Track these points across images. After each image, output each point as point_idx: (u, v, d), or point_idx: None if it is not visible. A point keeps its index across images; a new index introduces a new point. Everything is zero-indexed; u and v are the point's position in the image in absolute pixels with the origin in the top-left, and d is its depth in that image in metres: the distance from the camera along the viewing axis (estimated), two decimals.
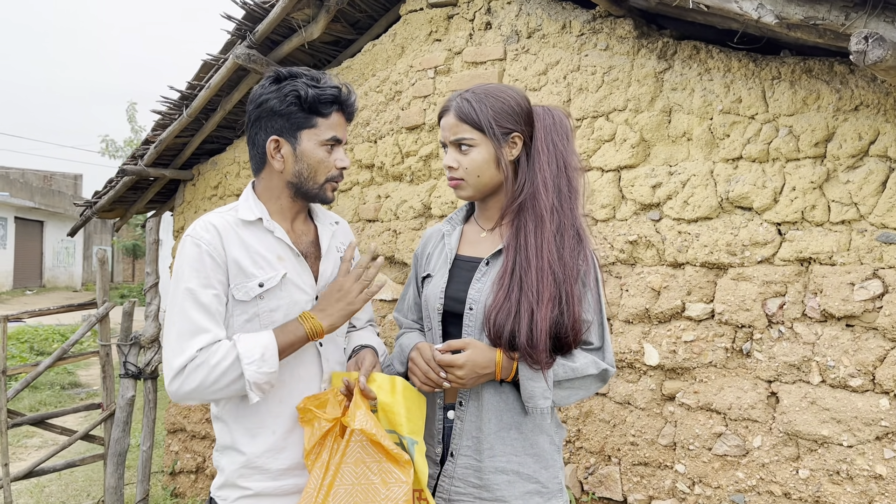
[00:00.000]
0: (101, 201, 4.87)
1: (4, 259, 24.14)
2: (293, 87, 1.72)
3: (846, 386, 2.23)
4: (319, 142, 1.76)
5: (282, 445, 1.75)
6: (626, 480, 2.70)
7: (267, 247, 1.77)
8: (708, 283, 2.51)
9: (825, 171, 2.29)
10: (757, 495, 2.39)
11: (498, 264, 1.77)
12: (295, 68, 1.79)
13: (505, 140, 1.75)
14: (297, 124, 1.74)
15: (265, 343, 1.66)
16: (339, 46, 4.01)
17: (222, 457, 1.80)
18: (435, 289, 1.84)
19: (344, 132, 1.82)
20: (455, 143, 1.77)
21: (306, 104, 1.72)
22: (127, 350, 4.51)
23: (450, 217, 1.98)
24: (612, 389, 2.74)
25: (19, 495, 5.34)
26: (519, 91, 1.81)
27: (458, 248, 1.89)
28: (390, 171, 3.53)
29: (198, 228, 1.74)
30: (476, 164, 1.75)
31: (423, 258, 1.99)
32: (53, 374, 10.05)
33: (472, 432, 1.75)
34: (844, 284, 2.23)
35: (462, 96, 1.78)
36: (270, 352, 1.66)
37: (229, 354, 1.63)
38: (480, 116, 1.73)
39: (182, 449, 4.72)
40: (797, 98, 2.35)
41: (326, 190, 1.82)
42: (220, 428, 1.81)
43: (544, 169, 1.76)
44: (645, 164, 2.69)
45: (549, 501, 1.75)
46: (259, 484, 1.74)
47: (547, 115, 1.81)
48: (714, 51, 2.56)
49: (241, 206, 1.81)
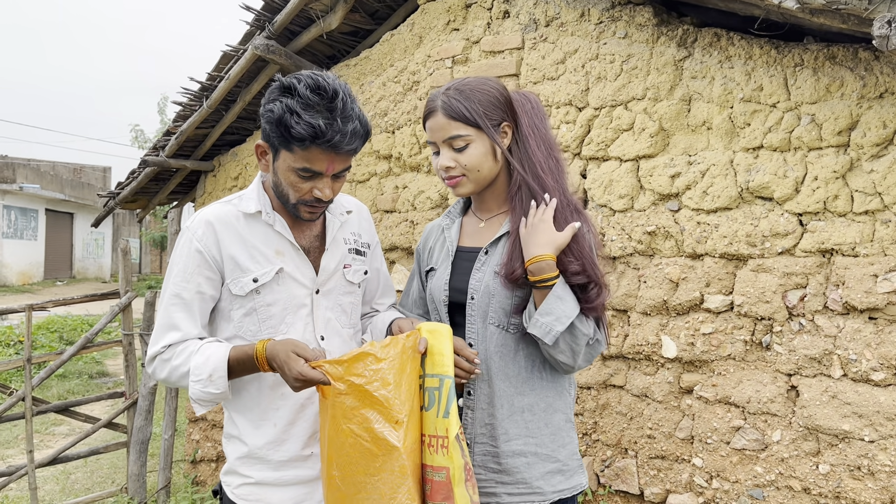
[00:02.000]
0: (124, 192, 4.92)
1: (35, 250, 24.58)
2: (275, 106, 1.58)
3: (868, 380, 2.18)
4: (291, 167, 1.64)
5: (283, 438, 1.76)
6: (643, 474, 2.67)
7: (265, 241, 1.76)
8: (727, 274, 2.47)
9: (848, 160, 2.23)
10: (776, 490, 2.35)
11: (498, 252, 1.79)
12: (301, 80, 1.60)
13: (497, 131, 1.76)
14: (276, 142, 1.63)
15: (216, 364, 1.66)
16: (357, 37, 4.01)
17: (228, 444, 1.85)
18: (439, 281, 1.86)
19: (328, 165, 1.64)
20: (448, 142, 1.75)
21: (281, 128, 1.58)
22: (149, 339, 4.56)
23: (448, 211, 1.99)
24: (629, 382, 2.71)
25: (45, 482, 5.43)
26: (497, 80, 1.81)
27: (459, 240, 1.90)
28: (408, 161, 3.52)
29: (195, 223, 1.77)
30: (475, 160, 1.74)
31: (424, 253, 2.01)
32: (82, 363, 10.22)
33: (484, 419, 1.76)
34: (867, 276, 2.17)
35: (446, 94, 1.75)
36: (219, 374, 1.66)
37: (185, 364, 1.69)
38: (472, 112, 1.72)
39: (203, 438, 4.77)
40: (820, 85, 2.30)
41: (300, 211, 1.73)
42: (226, 417, 1.85)
43: (534, 153, 1.78)
44: (664, 154, 2.65)
45: (570, 479, 1.77)
46: (260, 473, 1.77)
47: (525, 101, 1.83)
48: (735, 38, 2.51)
49: (245, 197, 1.80)
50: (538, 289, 1.66)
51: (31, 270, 24.16)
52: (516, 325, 1.75)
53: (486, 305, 1.75)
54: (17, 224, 23.59)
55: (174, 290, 1.73)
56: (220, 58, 3.93)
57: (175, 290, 1.73)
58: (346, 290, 1.89)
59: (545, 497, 1.72)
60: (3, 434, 6.91)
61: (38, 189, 24.03)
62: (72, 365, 9.77)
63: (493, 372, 1.75)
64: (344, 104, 1.60)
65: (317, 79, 1.59)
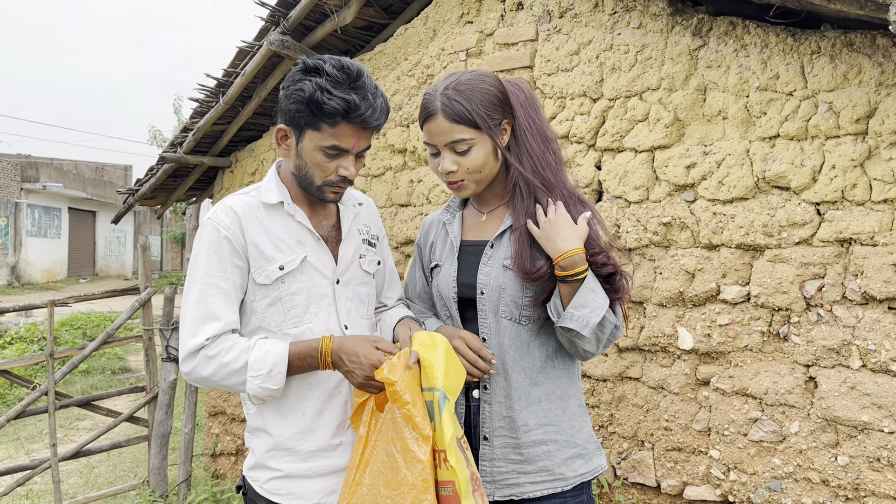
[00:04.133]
0: (143, 189, 4.97)
1: (59, 248, 24.91)
2: (304, 85, 1.63)
3: (888, 370, 2.15)
4: (318, 146, 1.67)
5: (311, 428, 1.75)
6: (660, 466, 2.66)
7: (287, 231, 1.77)
8: (744, 265, 2.45)
9: (866, 148, 2.20)
10: (794, 482, 2.33)
11: (503, 244, 1.78)
12: (325, 60, 1.66)
13: (498, 130, 1.74)
14: (302, 122, 1.67)
15: (276, 360, 1.65)
16: (371, 31, 4.01)
17: (253, 438, 1.82)
18: (446, 278, 1.85)
19: (355, 141, 1.69)
20: (450, 145, 1.73)
21: (312, 106, 1.62)
22: (168, 334, 4.61)
23: (447, 205, 1.98)
24: (645, 374, 2.70)
25: (69, 475, 5.51)
26: (492, 75, 1.79)
27: (462, 234, 1.89)
28: (422, 155, 3.52)
29: (218, 212, 1.74)
30: (478, 163, 1.73)
31: (426, 247, 2.00)
32: (105, 359, 10.34)
33: (502, 413, 1.76)
34: (887, 265, 2.14)
35: (445, 95, 1.72)
36: (279, 369, 1.65)
37: (240, 358, 1.65)
38: (474, 114, 1.69)
39: (222, 431, 4.81)
40: (837, 73, 2.27)
41: (325, 192, 1.75)
42: (251, 409, 1.81)
43: (532, 146, 1.77)
44: (679, 144, 2.63)
45: (590, 462, 1.78)
46: (289, 465, 1.75)
47: (519, 92, 1.80)
48: (751, 26, 2.48)
49: (263, 188, 1.80)
50: (568, 282, 1.65)
51: (55, 268, 24.49)
52: (528, 318, 1.75)
53: (496, 300, 1.75)
54: (41, 223, 23.93)
55: (208, 280, 1.69)
56: (235, 54, 3.95)
57: (209, 280, 1.69)
58: (362, 280, 1.90)
59: (567, 482, 1.73)
60: (28, 429, 7.02)
61: (62, 188, 24.34)
62: (95, 361, 9.90)
63: (509, 365, 1.75)
64: (368, 81, 1.67)
65: (339, 59, 1.65)
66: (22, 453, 6.21)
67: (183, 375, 1.71)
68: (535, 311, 1.74)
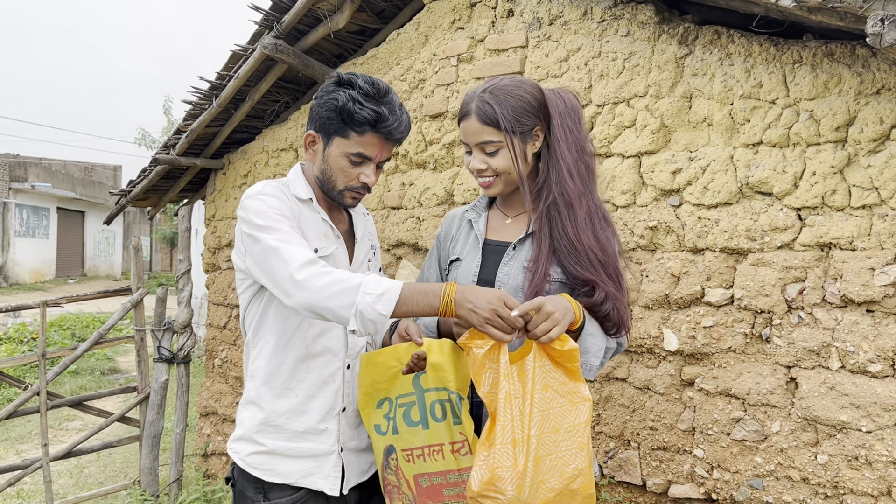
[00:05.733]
0: (136, 190, 4.99)
1: (47, 249, 24.80)
2: (338, 95, 1.77)
3: (866, 371, 2.21)
4: (345, 153, 1.82)
5: (302, 409, 1.85)
6: (646, 465, 2.72)
7: (315, 225, 1.89)
8: (727, 268, 2.51)
9: (846, 155, 2.27)
10: (775, 480, 2.39)
11: (525, 248, 1.86)
12: (358, 76, 1.80)
13: (528, 136, 1.81)
14: (332, 129, 1.81)
15: (389, 286, 1.63)
16: (364, 36, 4.06)
17: (244, 410, 1.91)
18: (467, 272, 1.92)
19: (378, 151, 1.83)
20: (480, 146, 1.82)
21: (344, 115, 1.77)
22: (161, 335, 4.64)
23: (473, 204, 2.06)
24: (631, 374, 2.76)
25: (59, 475, 5.52)
26: (532, 83, 1.85)
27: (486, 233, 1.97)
28: (414, 158, 3.57)
29: (267, 187, 1.84)
30: (505, 165, 1.82)
31: (447, 241, 2.07)
32: (94, 360, 10.33)
33: None
34: (865, 269, 2.21)
35: (481, 98, 1.80)
36: (391, 295, 1.61)
37: (350, 279, 1.62)
38: (504, 120, 1.77)
39: (214, 432, 4.84)
40: (818, 82, 2.33)
41: (345, 196, 1.89)
42: (249, 383, 1.91)
43: (565, 156, 1.83)
44: (665, 150, 2.69)
45: None
46: (274, 442, 1.85)
47: (559, 101, 1.85)
48: (735, 35, 2.55)
49: (292, 184, 1.91)
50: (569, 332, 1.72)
51: (43, 269, 24.38)
52: None
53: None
54: (30, 223, 23.80)
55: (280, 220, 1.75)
56: (229, 57, 3.98)
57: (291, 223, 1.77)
58: None
59: None
60: (17, 429, 7.02)
61: (50, 188, 24.24)
62: (84, 361, 9.89)
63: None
64: (395, 98, 1.83)
65: (369, 76, 1.81)
66: (12, 453, 6.21)
67: (290, 291, 1.65)
68: None
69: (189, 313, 4.67)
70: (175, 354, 4.65)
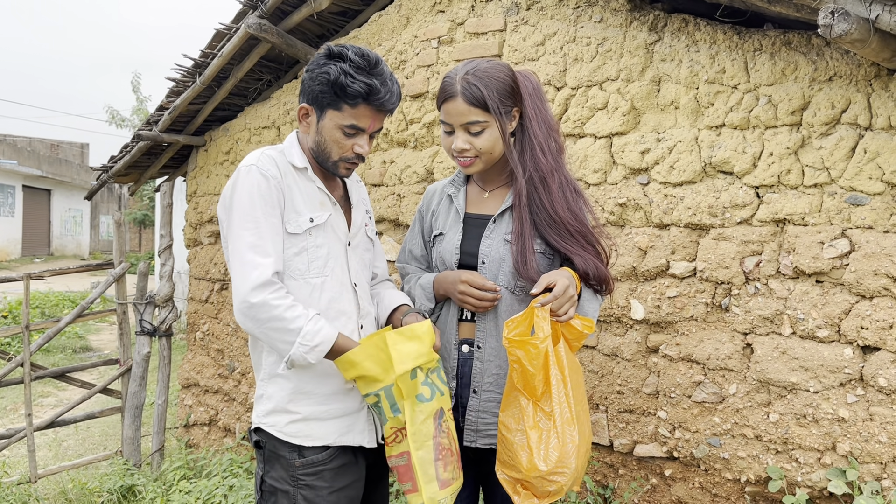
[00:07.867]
0: (117, 165, 5.05)
1: (13, 227, 24.40)
2: (329, 69, 1.79)
3: (814, 337, 2.41)
4: (338, 125, 1.85)
5: (328, 371, 1.90)
6: (613, 427, 2.90)
7: (310, 193, 1.94)
8: (691, 242, 2.69)
9: (800, 137, 2.45)
10: (731, 438, 2.59)
11: (504, 221, 2.01)
12: (348, 48, 1.82)
13: (508, 116, 1.95)
14: (325, 102, 1.84)
15: (324, 338, 1.79)
16: (346, 17, 4.15)
17: (270, 385, 1.93)
18: (450, 245, 2.06)
19: (371, 122, 1.87)
20: (465, 126, 1.93)
21: (336, 88, 1.79)
22: (143, 309, 4.72)
23: (451, 179, 2.19)
24: (600, 342, 2.94)
25: (39, 448, 5.59)
26: (506, 65, 1.99)
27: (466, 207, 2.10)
28: (395, 137, 3.69)
29: (262, 161, 1.87)
30: (489, 144, 1.94)
31: (428, 214, 2.20)
32: (65, 338, 10.31)
33: (492, 370, 1.99)
34: (815, 243, 2.40)
35: (466, 80, 1.91)
36: (323, 347, 1.79)
37: (294, 322, 1.77)
38: (489, 100, 1.90)
39: (195, 403, 4.94)
40: (776, 69, 2.51)
41: (339, 167, 1.93)
42: (268, 358, 1.94)
43: (537, 133, 1.98)
44: (635, 131, 2.86)
45: None
46: (308, 408, 1.90)
47: (527, 82, 2.01)
48: (701, 24, 2.71)
49: (287, 151, 1.95)
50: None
51: (9, 247, 24.00)
52: (521, 288, 1.98)
53: (496, 269, 1.98)
54: None
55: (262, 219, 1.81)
56: (213, 36, 4.06)
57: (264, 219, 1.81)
58: (366, 247, 2.12)
59: None
60: None
61: (16, 165, 23.80)
62: (55, 340, 9.87)
63: (501, 328, 1.95)
64: (386, 69, 1.85)
65: (360, 48, 1.83)
66: None
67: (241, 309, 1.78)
68: (527, 283, 1.96)
69: (171, 287, 4.76)
70: (157, 328, 4.74)
